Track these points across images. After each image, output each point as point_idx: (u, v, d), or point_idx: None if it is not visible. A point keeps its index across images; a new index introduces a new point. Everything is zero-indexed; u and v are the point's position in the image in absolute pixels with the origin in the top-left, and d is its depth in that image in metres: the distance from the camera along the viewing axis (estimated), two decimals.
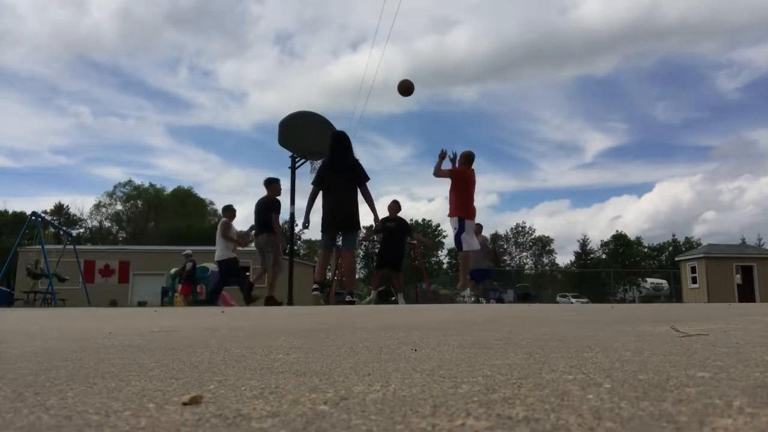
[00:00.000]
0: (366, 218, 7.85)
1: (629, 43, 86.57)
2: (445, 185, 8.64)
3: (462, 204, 8.37)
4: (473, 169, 8.68)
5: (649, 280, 39.08)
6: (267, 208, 9.04)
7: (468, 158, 8.61)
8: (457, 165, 8.56)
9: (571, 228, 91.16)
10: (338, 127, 12.42)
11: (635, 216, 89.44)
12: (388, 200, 11.08)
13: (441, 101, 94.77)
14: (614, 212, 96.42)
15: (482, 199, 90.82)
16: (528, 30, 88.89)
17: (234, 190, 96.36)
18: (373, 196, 7.37)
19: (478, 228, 9.54)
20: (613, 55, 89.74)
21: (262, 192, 9.64)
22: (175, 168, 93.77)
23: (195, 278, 15.58)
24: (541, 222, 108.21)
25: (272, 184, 9.13)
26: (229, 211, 10.77)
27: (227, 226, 10.30)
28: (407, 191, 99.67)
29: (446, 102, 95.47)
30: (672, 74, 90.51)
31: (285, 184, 10.03)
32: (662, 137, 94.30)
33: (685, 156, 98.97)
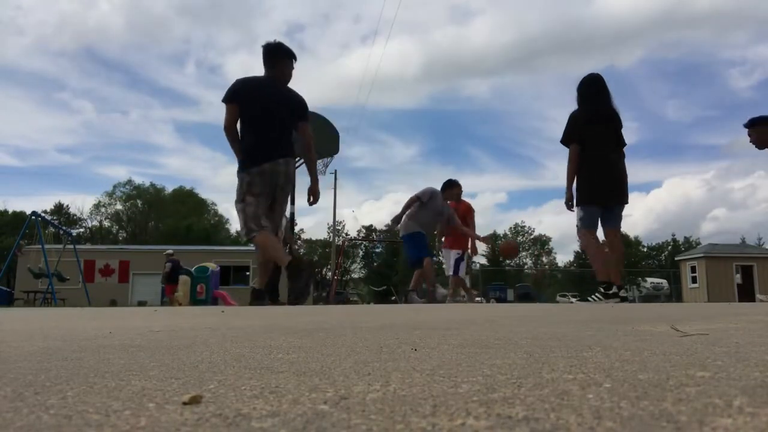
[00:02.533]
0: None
1: (654, 35, 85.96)
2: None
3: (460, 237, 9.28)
4: (463, 202, 9.30)
5: (649, 279, 39.05)
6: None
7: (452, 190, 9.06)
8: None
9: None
10: (339, 126, 12.38)
11: (644, 214, 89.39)
12: (393, 198, 10.99)
13: (450, 98, 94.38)
14: (624, 210, 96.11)
15: (490, 197, 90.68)
16: (551, 20, 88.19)
17: None
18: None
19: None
20: (636, 47, 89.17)
21: None
22: (180, 166, 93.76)
23: (176, 278, 15.99)
24: (549, 220, 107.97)
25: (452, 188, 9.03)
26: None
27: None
28: (414, 190, 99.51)
29: (455, 99, 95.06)
30: (685, 72, 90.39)
31: None
32: (672, 136, 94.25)
33: (696, 155, 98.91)
